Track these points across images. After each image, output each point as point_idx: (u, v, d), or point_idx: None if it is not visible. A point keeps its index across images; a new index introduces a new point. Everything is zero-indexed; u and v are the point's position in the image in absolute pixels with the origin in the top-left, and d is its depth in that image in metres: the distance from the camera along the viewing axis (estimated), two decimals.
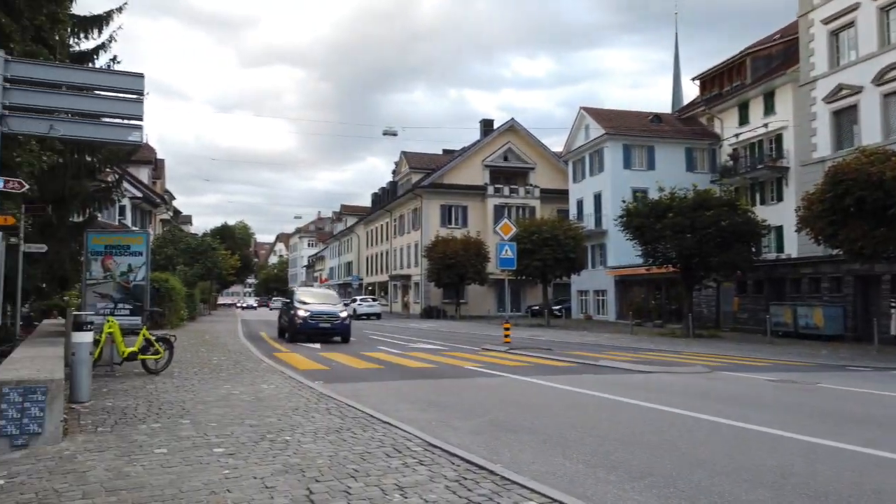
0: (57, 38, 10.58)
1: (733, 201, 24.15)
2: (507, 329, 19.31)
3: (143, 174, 45.19)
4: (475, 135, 57.14)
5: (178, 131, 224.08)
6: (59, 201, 17.48)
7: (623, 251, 37.66)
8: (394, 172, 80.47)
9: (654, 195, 28.16)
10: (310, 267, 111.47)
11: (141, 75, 8.70)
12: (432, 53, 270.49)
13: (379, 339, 22.15)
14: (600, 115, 41.23)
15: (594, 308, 41.20)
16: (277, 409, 7.19)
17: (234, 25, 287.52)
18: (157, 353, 9.99)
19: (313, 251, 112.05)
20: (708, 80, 40.76)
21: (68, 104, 8.37)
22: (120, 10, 16.83)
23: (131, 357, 9.62)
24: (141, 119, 8.62)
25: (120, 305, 10.09)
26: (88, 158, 18.66)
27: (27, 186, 8.10)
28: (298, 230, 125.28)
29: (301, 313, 19.97)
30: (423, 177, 53.70)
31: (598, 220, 40.31)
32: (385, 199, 64.24)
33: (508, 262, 19.73)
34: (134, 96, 8.61)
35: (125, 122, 8.58)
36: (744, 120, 36.74)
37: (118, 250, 10.14)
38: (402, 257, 56.14)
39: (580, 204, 43.07)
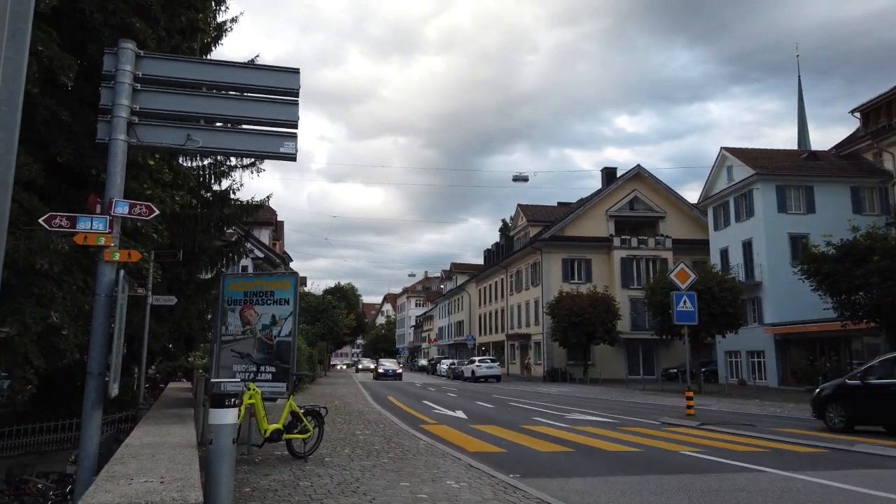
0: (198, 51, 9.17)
1: None
2: (690, 398, 15.90)
3: (265, 236, 45.49)
4: (597, 183, 54.22)
5: (292, 200, 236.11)
6: (188, 256, 16.36)
7: (783, 305, 32.96)
8: (502, 230, 78.43)
9: (817, 241, 24.01)
10: (418, 327, 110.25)
11: (296, 71, 6.78)
12: (533, 116, 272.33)
13: (524, 408, 19.24)
14: (746, 154, 37.18)
15: (748, 371, 36.10)
16: None
17: (346, 103, 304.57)
18: (305, 430, 7.73)
19: (421, 311, 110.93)
20: (871, 112, 35.95)
21: (208, 108, 6.53)
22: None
23: (275, 436, 7.40)
24: (296, 126, 6.66)
25: (262, 368, 7.98)
26: (217, 213, 17.67)
27: (157, 212, 6.22)
28: (406, 290, 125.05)
29: None
30: (541, 230, 51.05)
31: (750, 272, 35.75)
32: (499, 255, 61.94)
33: (688, 315, 16.48)
34: (287, 98, 6.72)
35: (276, 130, 6.67)
36: None
37: (260, 298, 8.11)
38: (521, 315, 53.10)
39: (724, 254, 38.63)
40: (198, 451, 5.26)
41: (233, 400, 4.97)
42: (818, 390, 14.22)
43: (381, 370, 44.99)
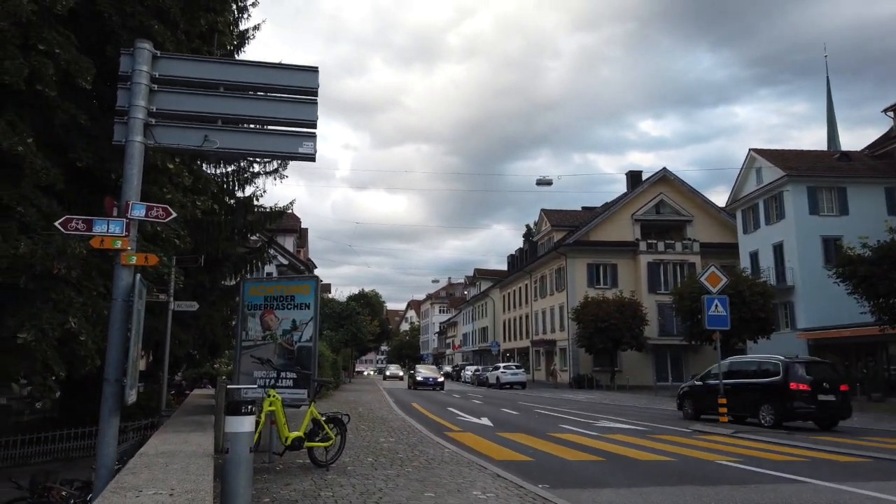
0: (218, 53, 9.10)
1: None
2: (723, 405, 15.40)
3: (289, 243, 45.62)
4: (622, 187, 53.60)
5: (317, 208, 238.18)
6: (212, 263, 16.37)
7: (817, 310, 32.06)
8: (525, 236, 77.90)
9: (851, 243, 23.37)
10: (442, 333, 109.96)
11: (315, 69, 6.61)
12: (556, 121, 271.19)
13: (550, 415, 18.88)
14: (775, 156, 36.37)
15: None
16: None
17: (369, 111, 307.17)
18: (327, 438, 7.54)
19: (445, 317, 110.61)
20: None
21: (226, 108, 6.38)
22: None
23: (296, 444, 7.21)
24: (314, 125, 6.49)
25: (283, 374, 7.81)
26: (241, 220, 17.73)
27: (174, 215, 6.08)
28: (429, 296, 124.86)
29: None
30: (565, 234, 50.54)
31: (781, 275, 34.87)
32: (523, 260, 61.47)
33: (720, 320, 16.02)
34: (306, 97, 6.56)
35: (295, 130, 6.51)
36: None
37: (280, 302, 7.96)
38: (545, 321, 52.54)
39: (754, 257, 37.78)
40: (217, 459, 5.09)
41: (249, 407, 4.78)
42: (680, 389, 18.95)
43: (419, 378, 38.80)
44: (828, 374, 15.28)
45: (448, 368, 74.37)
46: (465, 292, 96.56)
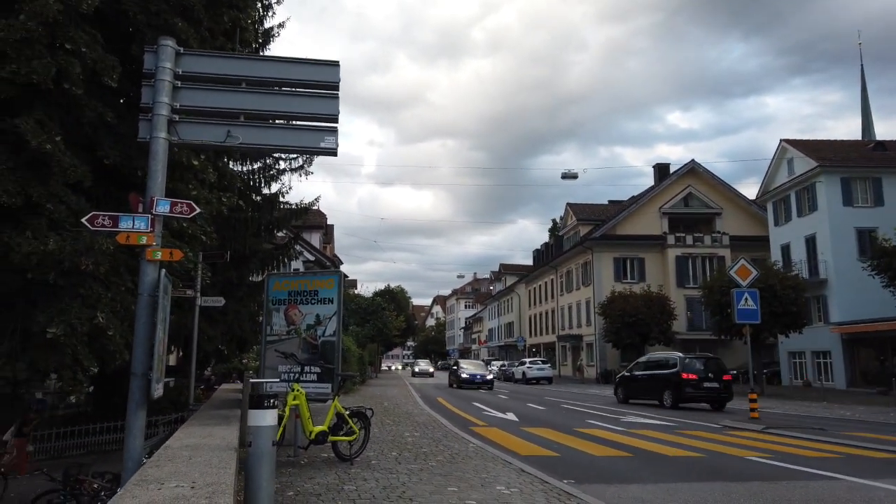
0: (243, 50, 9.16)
1: None
2: (753, 401, 15.13)
3: (315, 239, 45.89)
4: (649, 181, 52.91)
5: (343, 204, 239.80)
6: (239, 259, 16.55)
7: (851, 303, 31.33)
8: (551, 231, 77.43)
9: (887, 234, 22.72)
10: (467, 329, 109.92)
11: (336, 63, 6.62)
12: (582, 115, 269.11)
13: (576, 410, 18.73)
14: (807, 146, 35.54)
15: (813, 373, 34.46)
16: None
17: (395, 108, 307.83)
18: (351, 432, 7.55)
19: (471, 312, 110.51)
20: None
21: (248, 104, 6.42)
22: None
23: (320, 438, 7.24)
24: (336, 120, 6.50)
25: (307, 368, 7.84)
26: (267, 216, 17.91)
27: (198, 210, 6.13)
28: (455, 292, 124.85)
29: None
30: (591, 229, 50.09)
31: (814, 268, 34.12)
32: (548, 255, 61.11)
33: (750, 314, 15.73)
34: (328, 91, 6.56)
35: (317, 124, 6.53)
36: None
37: (304, 297, 7.99)
38: (571, 316, 52.19)
39: (785, 250, 37.03)
40: (241, 452, 5.13)
41: (272, 401, 4.79)
42: (615, 377, 23.79)
43: (463, 375, 32.74)
44: (713, 367, 18.43)
45: None
46: (491, 287, 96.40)
